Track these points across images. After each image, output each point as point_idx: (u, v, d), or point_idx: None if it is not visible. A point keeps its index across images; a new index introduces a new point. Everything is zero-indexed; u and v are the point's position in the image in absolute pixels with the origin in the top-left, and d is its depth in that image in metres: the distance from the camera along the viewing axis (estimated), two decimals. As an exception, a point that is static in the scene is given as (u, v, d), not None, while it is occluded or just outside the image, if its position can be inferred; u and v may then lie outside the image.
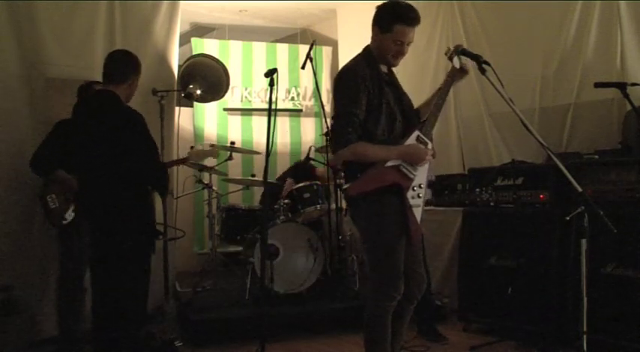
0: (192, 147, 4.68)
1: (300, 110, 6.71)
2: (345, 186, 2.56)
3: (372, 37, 2.60)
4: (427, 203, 2.80)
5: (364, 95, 2.48)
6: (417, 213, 2.53)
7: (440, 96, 2.61)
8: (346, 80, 2.54)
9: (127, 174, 2.88)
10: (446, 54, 2.61)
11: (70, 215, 3.47)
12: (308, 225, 4.62)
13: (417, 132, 2.56)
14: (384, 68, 2.65)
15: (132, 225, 2.89)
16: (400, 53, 2.56)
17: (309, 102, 6.75)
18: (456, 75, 2.62)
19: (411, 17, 2.48)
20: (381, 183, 2.47)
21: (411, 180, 2.51)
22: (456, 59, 2.55)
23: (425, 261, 2.87)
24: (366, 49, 2.65)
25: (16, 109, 3.83)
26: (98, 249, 2.96)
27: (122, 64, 3.01)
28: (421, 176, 2.55)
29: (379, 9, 2.56)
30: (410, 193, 2.51)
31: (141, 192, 2.96)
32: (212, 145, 4.59)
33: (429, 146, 2.57)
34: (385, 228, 2.49)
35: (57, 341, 3.63)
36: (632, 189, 3.25)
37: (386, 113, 2.53)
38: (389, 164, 2.49)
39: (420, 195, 2.55)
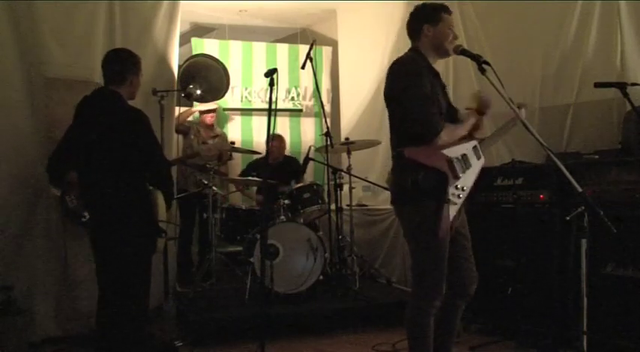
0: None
1: (300, 110, 6.72)
2: (399, 149, 2.52)
3: (425, 35, 2.68)
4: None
5: (421, 75, 2.55)
6: (453, 210, 2.52)
7: (508, 123, 2.86)
8: (407, 65, 2.60)
9: (129, 174, 2.88)
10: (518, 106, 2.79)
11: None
12: (308, 224, 4.62)
13: (474, 142, 2.69)
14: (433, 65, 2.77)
15: (132, 225, 2.89)
16: (455, 37, 2.71)
17: (309, 102, 6.76)
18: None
19: (448, 7, 2.72)
20: (430, 162, 2.48)
21: (458, 177, 2.53)
22: (523, 110, 2.78)
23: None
24: (412, 49, 2.74)
25: (16, 109, 3.83)
26: (98, 248, 2.96)
27: (118, 65, 3.00)
28: (467, 179, 2.57)
29: (417, 12, 2.71)
30: (451, 190, 2.51)
31: (142, 191, 2.96)
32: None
33: (482, 160, 2.68)
34: (428, 230, 2.50)
35: (57, 341, 3.63)
36: (632, 189, 3.25)
37: (436, 105, 2.60)
38: (444, 151, 2.52)
39: (461, 196, 2.54)
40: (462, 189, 2.54)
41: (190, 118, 5.81)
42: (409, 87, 2.52)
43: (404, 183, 2.51)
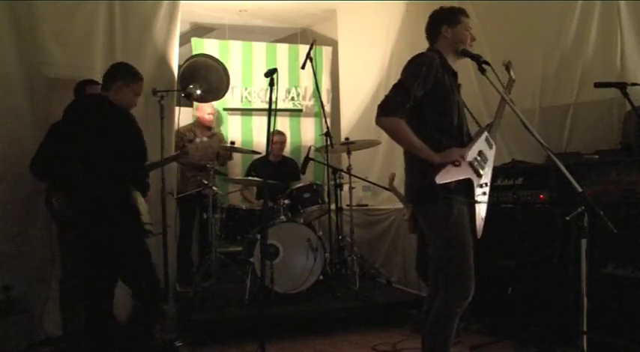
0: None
1: (300, 110, 6.72)
2: (431, 176, 2.47)
3: (443, 36, 2.73)
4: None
5: (428, 79, 2.54)
6: (482, 209, 2.59)
7: (501, 104, 2.80)
8: (417, 60, 2.62)
9: (111, 173, 3.07)
10: (504, 64, 2.86)
11: None
12: (308, 224, 4.62)
13: (486, 134, 2.70)
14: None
15: (121, 218, 3.10)
16: (473, 39, 2.77)
17: (309, 102, 6.76)
18: (511, 85, 2.85)
19: (465, 11, 2.79)
20: (459, 176, 2.50)
21: (481, 176, 2.56)
22: (512, 71, 2.81)
23: None
24: (431, 49, 2.75)
25: (16, 109, 3.82)
26: (88, 245, 3.14)
27: (109, 72, 3.25)
28: (487, 174, 2.62)
29: (437, 14, 2.77)
30: (477, 191, 2.54)
31: (124, 186, 3.17)
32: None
33: (494, 148, 2.71)
34: (460, 228, 2.53)
35: (57, 341, 3.63)
36: (632, 189, 3.25)
37: (454, 105, 2.63)
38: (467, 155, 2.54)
39: (486, 192, 2.60)
40: (485, 185, 2.59)
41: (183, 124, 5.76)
42: (410, 74, 2.55)
43: (426, 182, 2.50)
